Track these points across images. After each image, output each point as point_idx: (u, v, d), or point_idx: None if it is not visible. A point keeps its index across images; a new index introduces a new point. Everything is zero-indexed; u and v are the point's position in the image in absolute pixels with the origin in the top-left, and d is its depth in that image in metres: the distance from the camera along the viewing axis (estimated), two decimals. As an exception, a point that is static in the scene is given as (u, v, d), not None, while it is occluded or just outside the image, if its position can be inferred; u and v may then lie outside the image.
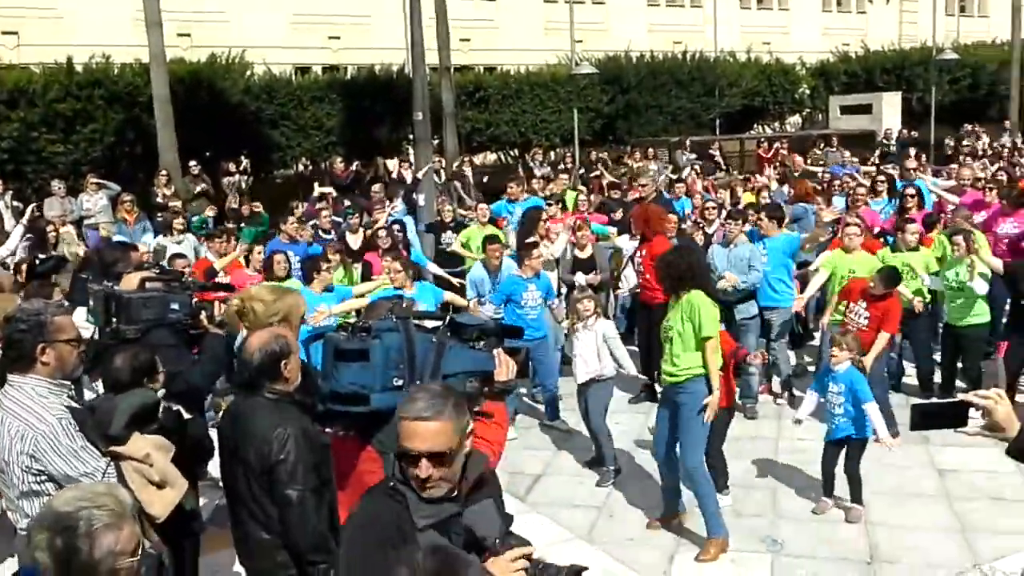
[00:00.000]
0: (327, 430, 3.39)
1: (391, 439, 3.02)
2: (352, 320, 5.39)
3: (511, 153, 24.81)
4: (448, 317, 3.15)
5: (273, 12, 25.11)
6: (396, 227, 10.32)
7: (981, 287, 7.86)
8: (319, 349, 2.99)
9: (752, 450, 7.63)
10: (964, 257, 7.87)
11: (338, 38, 26.56)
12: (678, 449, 6.10)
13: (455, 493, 2.57)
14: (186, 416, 4.42)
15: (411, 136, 18.72)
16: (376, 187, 13.58)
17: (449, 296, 8.47)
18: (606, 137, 25.45)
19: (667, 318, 6.11)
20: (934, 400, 4.79)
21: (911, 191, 10.25)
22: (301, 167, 18.75)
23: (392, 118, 21.08)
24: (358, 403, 2.79)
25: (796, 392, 8.54)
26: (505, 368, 3.13)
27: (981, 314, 8.12)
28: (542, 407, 8.65)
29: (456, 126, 19.90)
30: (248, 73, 20.53)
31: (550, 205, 11.48)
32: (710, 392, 5.89)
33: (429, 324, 3.08)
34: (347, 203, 12.98)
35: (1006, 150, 20.93)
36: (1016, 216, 9.43)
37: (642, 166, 16.99)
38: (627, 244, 9.63)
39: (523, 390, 8.69)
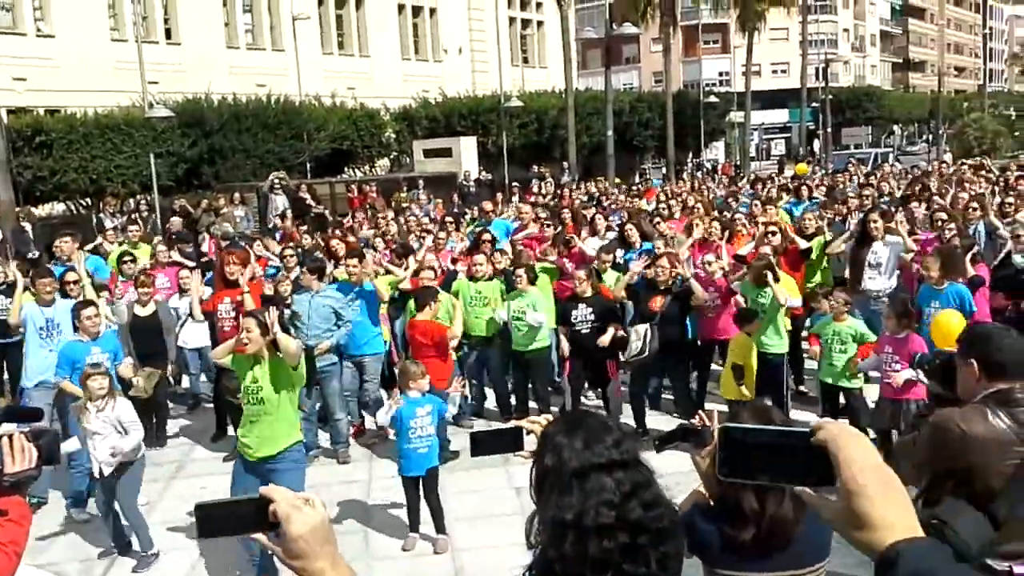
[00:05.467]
0: None
1: None
2: None
3: (82, 202, 22.80)
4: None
5: None
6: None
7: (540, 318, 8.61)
8: None
9: (345, 494, 7.56)
10: (526, 290, 8.58)
11: None
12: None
13: None
14: None
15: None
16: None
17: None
18: (191, 182, 24.36)
19: (254, 380, 5.73)
20: (489, 428, 5.03)
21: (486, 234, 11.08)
22: None
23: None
24: None
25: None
26: (21, 456, 2.71)
27: (543, 340, 8.83)
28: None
29: (12, 174, 17.79)
30: None
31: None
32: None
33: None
34: None
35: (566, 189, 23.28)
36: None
37: (227, 212, 16.43)
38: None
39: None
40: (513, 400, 9.17)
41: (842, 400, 7.90)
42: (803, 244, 9.88)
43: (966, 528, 2.63)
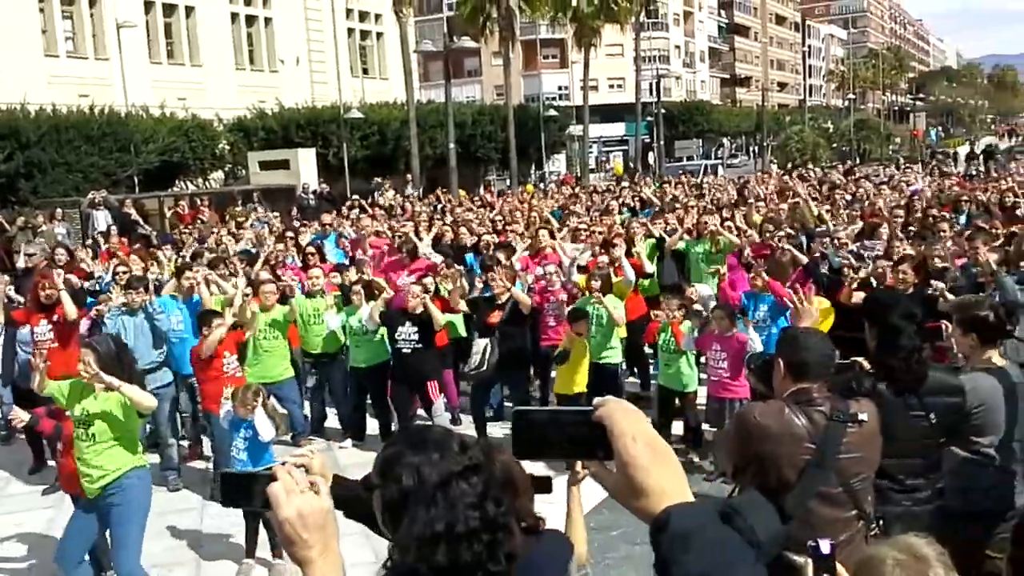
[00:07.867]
0: None
1: None
2: None
3: None
4: None
5: None
6: None
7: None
8: None
9: (177, 523, 7.19)
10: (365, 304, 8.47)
11: None
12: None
13: None
14: None
15: None
16: None
17: None
18: (6, 198, 22.78)
19: (84, 412, 5.33)
20: (239, 472, 4.90)
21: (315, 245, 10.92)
22: None
23: None
24: None
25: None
26: None
27: (381, 356, 8.65)
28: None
29: None
30: None
31: None
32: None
33: None
34: None
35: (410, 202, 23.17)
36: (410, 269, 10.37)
37: (47, 230, 15.45)
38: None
39: None
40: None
41: (677, 403, 8.14)
42: (649, 268, 10.08)
43: (756, 518, 2.75)
